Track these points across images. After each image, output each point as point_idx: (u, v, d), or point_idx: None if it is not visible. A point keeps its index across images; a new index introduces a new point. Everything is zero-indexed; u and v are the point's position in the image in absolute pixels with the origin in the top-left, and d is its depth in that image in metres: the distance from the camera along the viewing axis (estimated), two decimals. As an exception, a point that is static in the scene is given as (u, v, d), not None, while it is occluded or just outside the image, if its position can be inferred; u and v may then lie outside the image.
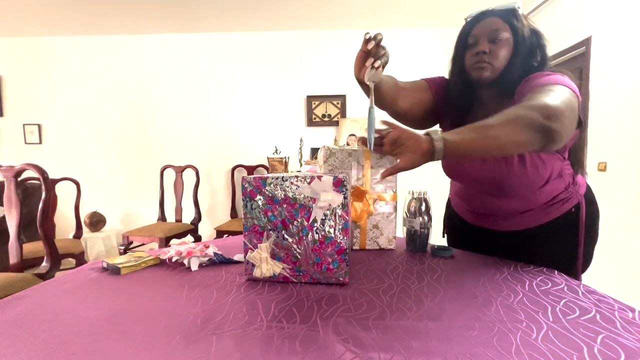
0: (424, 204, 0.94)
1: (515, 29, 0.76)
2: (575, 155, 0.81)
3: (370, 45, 0.65)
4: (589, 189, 0.86)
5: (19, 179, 1.40)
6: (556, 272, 0.72)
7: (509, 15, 0.76)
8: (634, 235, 1.85)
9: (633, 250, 1.85)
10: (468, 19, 0.81)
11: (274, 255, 0.68)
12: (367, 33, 0.65)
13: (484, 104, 0.84)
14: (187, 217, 2.94)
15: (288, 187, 0.66)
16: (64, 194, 3.02)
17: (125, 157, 3.32)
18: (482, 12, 0.79)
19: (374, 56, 0.67)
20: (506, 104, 0.73)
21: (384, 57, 0.68)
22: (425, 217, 0.93)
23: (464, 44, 0.81)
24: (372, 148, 0.67)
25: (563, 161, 0.80)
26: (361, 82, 0.77)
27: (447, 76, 0.92)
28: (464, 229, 1.01)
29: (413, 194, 0.96)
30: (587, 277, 0.93)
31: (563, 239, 0.83)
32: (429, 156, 0.60)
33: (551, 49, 0.82)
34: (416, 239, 0.94)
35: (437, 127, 0.95)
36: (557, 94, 0.64)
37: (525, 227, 0.84)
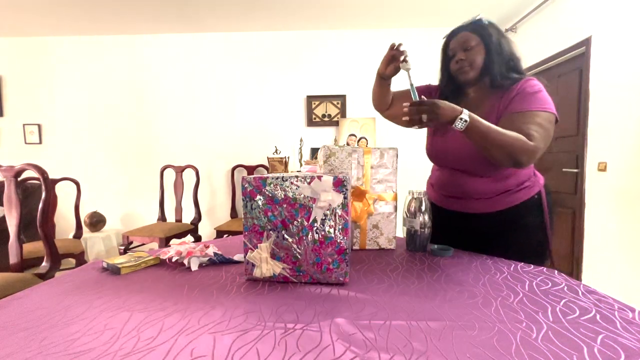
0: (423, 204, 0.94)
1: (482, 36, 0.94)
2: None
3: (397, 48, 0.96)
4: (545, 182, 1.00)
5: (19, 179, 1.40)
6: (556, 272, 0.72)
7: (475, 27, 0.96)
8: (634, 235, 1.85)
9: (633, 250, 1.85)
10: (445, 38, 1.03)
11: (274, 255, 0.68)
12: (393, 43, 0.97)
13: (471, 99, 1.01)
14: (187, 217, 2.94)
15: (288, 187, 0.66)
16: (64, 194, 3.02)
17: (125, 157, 3.32)
18: (454, 29, 1.00)
19: (400, 55, 0.95)
20: (490, 98, 0.95)
21: (407, 56, 0.96)
22: (425, 217, 0.93)
23: (446, 56, 1.01)
24: (416, 97, 0.86)
25: None
26: (381, 77, 1.03)
27: (431, 83, 1.14)
28: (438, 215, 1.02)
29: (413, 194, 0.96)
30: (587, 277, 0.93)
31: (530, 223, 0.96)
32: (452, 120, 0.79)
33: (513, 44, 1.00)
34: (416, 239, 0.94)
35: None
36: (543, 127, 0.85)
37: (496, 210, 0.96)
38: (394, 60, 0.97)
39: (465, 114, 0.78)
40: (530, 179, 0.97)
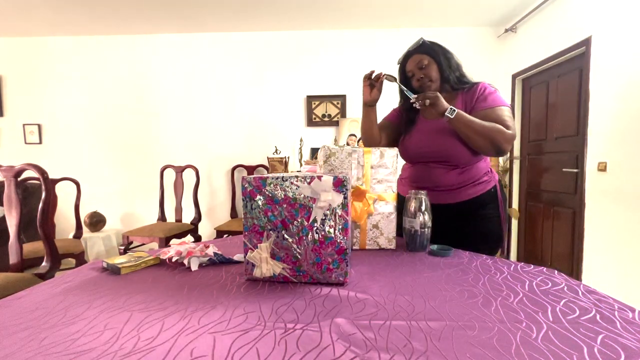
0: (423, 204, 0.94)
1: (430, 54, 1.12)
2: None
3: (371, 77, 1.12)
4: (499, 178, 1.17)
5: (19, 179, 1.40)
6: (556, 272, 0.72)
7: (423, 48, 1.13)
8: (634, 235, 1.85)
9: (633, 250, 1.85)
10: (399, 62, 1.20)
11: (274, 255, 0.68)
12: (365, 75, 1.12)
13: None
14: (187, 217, 2.94)
15: (288, 187, 0.66)
16: (64, 194, 3.02)
17: (125, 157, 3.32)
18: (405, 54, 1.16)
19: (378, 78, 1.12)
20: (456, 99, 1.12)
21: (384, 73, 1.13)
22: (425, 217, 0.94)
23: (406, 77, 1.18)
24: (411, 94, 1.03)
25: None
26: (369, 105, 1.16)
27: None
28: None
29: (413, 193, 0.96)
30: (587, 277, 0.94)
31: (487, 214, 1.11)
32: (442, 114, 0.98)
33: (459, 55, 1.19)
34: (416, 239, 0.94)
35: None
36: (511, 118, 1.03)
37: (459, 201, 1.10)
38: (374, 85, 1.12)
39: (453, 108, 0.98)
40: (487, 174, 1.13)
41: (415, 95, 1.00)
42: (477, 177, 1.10)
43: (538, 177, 2.74)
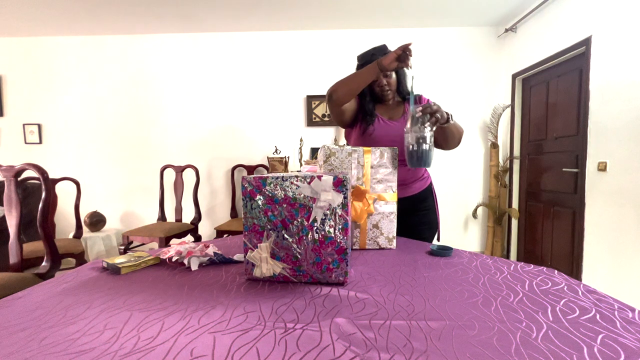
0: (423, 123, 0.95)
1: None
2: None
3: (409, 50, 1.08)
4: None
5: (19, 179, 1.40)
6: (556, 272, 0.72)
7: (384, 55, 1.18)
8: (634, 235, 1.85)
9: (633, 250, 1.85)
10: (361, 63, 1.27)
11: (274, 255, 0.68)
12: (408, 43, 1.06)
13: (391, 106, 1.30)
14: (187, 217, 2.94)
15: (288, 187, 0.66)
16: (64, 194, 3.02)
17: (126, 157, 3.32)
18: (370, 58, 1.21)
19: (408, 58, 1.08)
20: (404, 106, 1.28)
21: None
22: (425, 131, 0.94)
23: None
24: (413, 100, 1.03)
25: None
26: (381, 70, 1.10)
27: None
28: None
29: (415, 109, 0.96)
30: (587, 277, 0.94)
31: (427, 206, 1.28)
32: (446, 121, 1.04)
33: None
34: (413, 155, 0.96)
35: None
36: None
37: (408, 195, 1.24)
38: (401, 60, 1.06)
39: (449, 114, 1.07)
40: (426, 172, 1.31)
41: (420, 107, 0.97)
42: (420, 174, 1.27)
43: (538, 176, 2.74)
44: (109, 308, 0.56)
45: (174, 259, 0.80)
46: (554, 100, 2.52)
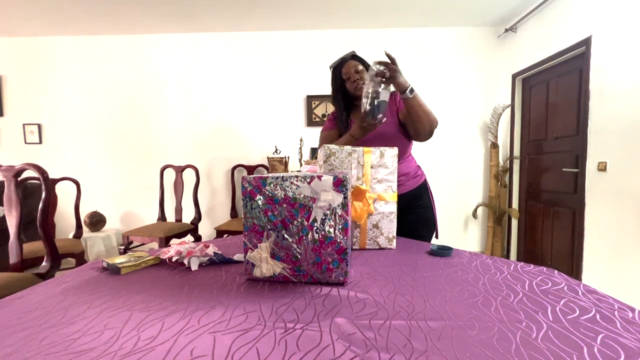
0: (378, 84, 1.02)
1: (361, 62, 1.29)
2: None
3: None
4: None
5: (19, 179, 1.40)
6: (556, 272, 0.72)
7: (354, 57, 1.29)
8: (633, 235, 1.85)
9: (633, 250, 1.85)
10: (333, 66, 1.32)
11: (274, 255, 0.68)
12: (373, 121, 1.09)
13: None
14: (187, 217, 2.94)
15: (288, 187, 0.66)
16: (64, 194, 3.02)
17: (125, 157, 3.32)
18: (342, 60, 1.29)
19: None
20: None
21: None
22: (379, 88, 1.02)
23: (341, 79, 1.30)
24: (379, 68, 1.02)
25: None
26: (359, 138, 1.18)
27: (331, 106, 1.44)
28: None
29: (374, 64, 1.02)
30: (587, 277, 0.94)
31: (424, 204, 1.29)
32: (403, 91, 1.06)
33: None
34: (365, 105, 1.04)
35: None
36: None
37: (405, 191, 1.25)
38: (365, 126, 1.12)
39: (411, 85, 1.08)
40: (419, 169, 1.34)
41: (383, 67, 1.01)
42: (413, 170, 1.29)
43: (538, 176, 2.74)
44: (109, 308, 0.56)
45: (174, 259, 0.80)
46: (554, 100, 2.52)
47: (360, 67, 1.26)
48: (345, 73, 1.28)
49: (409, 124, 1.17)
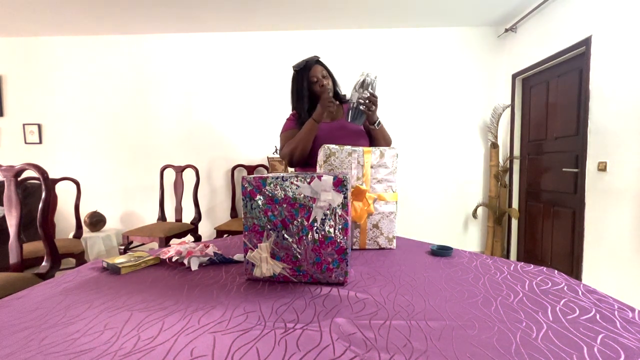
0: (367, 83, 1.11)
1: (325, 68, 1.38)
2: None
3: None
4: None
5: (19, 179, 1.40)
6: (556, 272, 0.72)
7: (319, 62, 1.39)
8: (633, 235, 1.85)
9: (633, 250, 1.85)
10: (298, 69, 1.40)
11: (274, 255, 0.68)
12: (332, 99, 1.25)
13: (329, 114, 1.38)
14: (187, 217, 2.93)
15: (288, 187, 0.66)
16: (64, 194, 3.02)
17: (125, 157, 3.32)
18: (307, 64, 1.37)
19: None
20: (341, 109, 1.42)
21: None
22: (365, 94, 1.11)
23: (308, 82, 1.37)
24: (363, 96, 1.14)
25: None
26: (320, 120, 1.29)
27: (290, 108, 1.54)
28: None
29: (364, 74, 1.11)
30: (587, 277, 0.94)
31: None
32: (373, 122, 1.25)
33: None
34: (350, 112, 1.15)
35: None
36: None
37: None
38: (323, 106, 1.25)
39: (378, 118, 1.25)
40: None
41: (366, 98, 1.13)
42: None
43: (538, 176, 2.74)
44: (109, 308, 0.56)
45: (174, 259, 0.80)
46: (554, 100, 2.52)
47: (325, 73, 1.35)
48: (314, 76, 1.35)
49: (370, 140, 1.33)
